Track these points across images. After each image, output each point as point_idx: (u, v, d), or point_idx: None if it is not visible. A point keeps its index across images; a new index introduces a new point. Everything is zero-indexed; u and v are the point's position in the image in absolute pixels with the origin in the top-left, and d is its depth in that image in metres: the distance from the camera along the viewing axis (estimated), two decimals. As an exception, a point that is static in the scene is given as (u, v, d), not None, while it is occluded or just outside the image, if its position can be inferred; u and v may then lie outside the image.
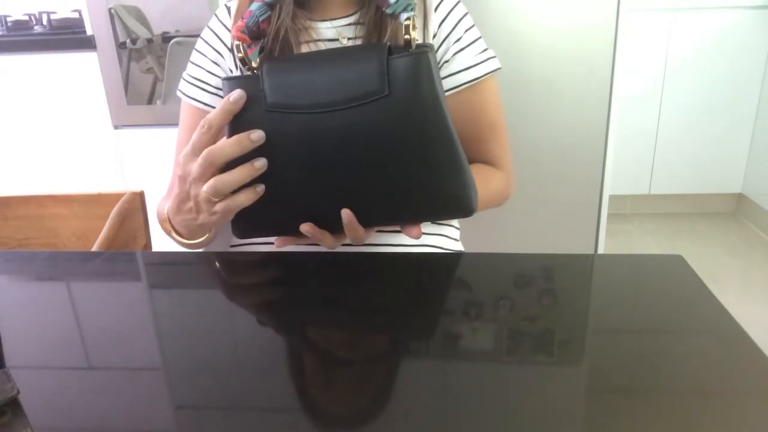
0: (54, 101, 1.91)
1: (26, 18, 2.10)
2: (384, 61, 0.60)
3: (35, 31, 2.03)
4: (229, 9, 0.86)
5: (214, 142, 0.62)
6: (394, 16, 0.65)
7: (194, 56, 0.88)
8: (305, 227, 0.65)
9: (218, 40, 0.86)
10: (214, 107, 0.83)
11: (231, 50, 0.85)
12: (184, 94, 0.88)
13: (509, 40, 1.65)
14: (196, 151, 0.62)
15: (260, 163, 0.62)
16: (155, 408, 0.45)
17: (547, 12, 1.63)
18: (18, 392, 0.39)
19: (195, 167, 0.62)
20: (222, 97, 0.63)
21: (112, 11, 1.78)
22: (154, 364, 0.50)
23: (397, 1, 0.64)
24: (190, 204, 0.67)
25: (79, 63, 1.86)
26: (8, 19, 2.06)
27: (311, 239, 0.67)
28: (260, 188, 0.64)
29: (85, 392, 0.46)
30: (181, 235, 0.74)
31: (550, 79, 1.68)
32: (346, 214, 0.64)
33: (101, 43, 1.82)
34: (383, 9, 0.66)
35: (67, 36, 1.88)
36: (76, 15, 2.02)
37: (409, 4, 0.64)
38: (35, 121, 1.94)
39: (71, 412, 0.44)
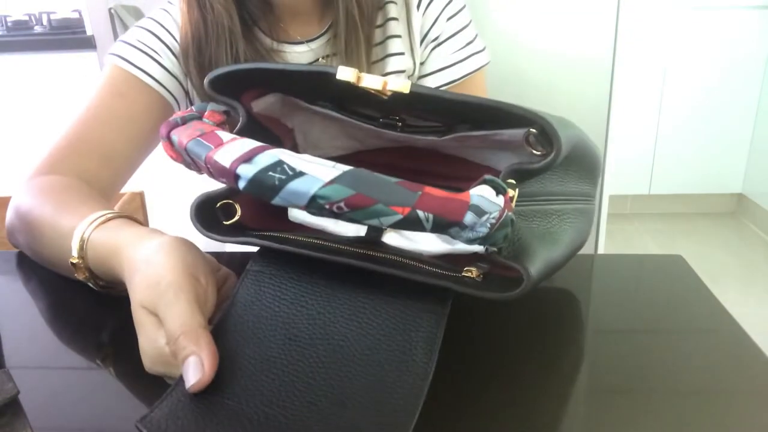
0: (54, 101, 1.91)
1: (26, 18, 2.09)
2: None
3: (35, 31, 2.03)
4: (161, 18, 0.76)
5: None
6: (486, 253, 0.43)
7: (147, 24, 0.75)
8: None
9: (170, 36, 0.76)
10: (165, 86, 0.74)
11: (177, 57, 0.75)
12: (129, 62, 0.73)
13: (509, 41, 1.65)
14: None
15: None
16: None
17: (546, 12, 1.63)
18: (18, 392, 0.38)
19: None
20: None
21: (112, 11, 1.78)
22: (154, 364, 0.50)
23: (488, 234, 0.38)
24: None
25: (79, 63, 1.86)
26: (8, 19, 2.06)
27: None
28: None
29: (85, 392, 0.46)
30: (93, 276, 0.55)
31: (550, 80, 1.68)
32: None
33: (101, 43, 1.82)
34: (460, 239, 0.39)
35: (67, 36, 1.88)
36: (76, 15, 2.02)
37: (506, 234, 0.40)
38: (35, 121, 1.94)
39: (71, 412, 0.44)
